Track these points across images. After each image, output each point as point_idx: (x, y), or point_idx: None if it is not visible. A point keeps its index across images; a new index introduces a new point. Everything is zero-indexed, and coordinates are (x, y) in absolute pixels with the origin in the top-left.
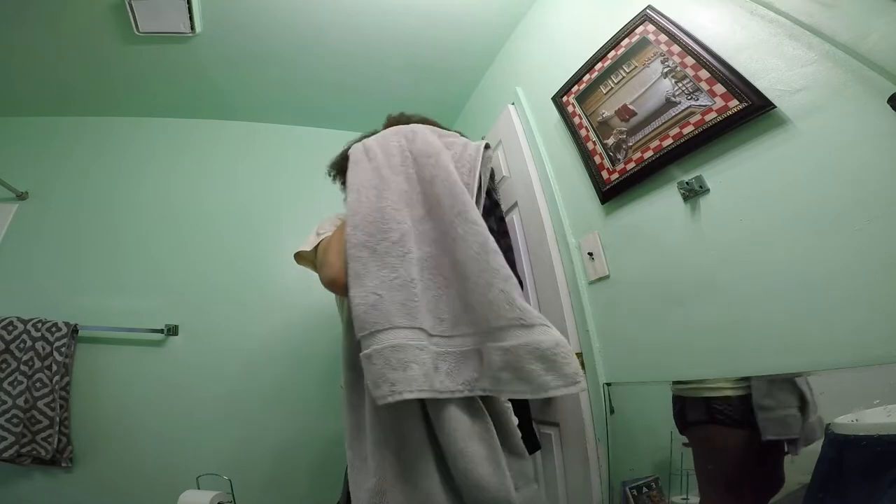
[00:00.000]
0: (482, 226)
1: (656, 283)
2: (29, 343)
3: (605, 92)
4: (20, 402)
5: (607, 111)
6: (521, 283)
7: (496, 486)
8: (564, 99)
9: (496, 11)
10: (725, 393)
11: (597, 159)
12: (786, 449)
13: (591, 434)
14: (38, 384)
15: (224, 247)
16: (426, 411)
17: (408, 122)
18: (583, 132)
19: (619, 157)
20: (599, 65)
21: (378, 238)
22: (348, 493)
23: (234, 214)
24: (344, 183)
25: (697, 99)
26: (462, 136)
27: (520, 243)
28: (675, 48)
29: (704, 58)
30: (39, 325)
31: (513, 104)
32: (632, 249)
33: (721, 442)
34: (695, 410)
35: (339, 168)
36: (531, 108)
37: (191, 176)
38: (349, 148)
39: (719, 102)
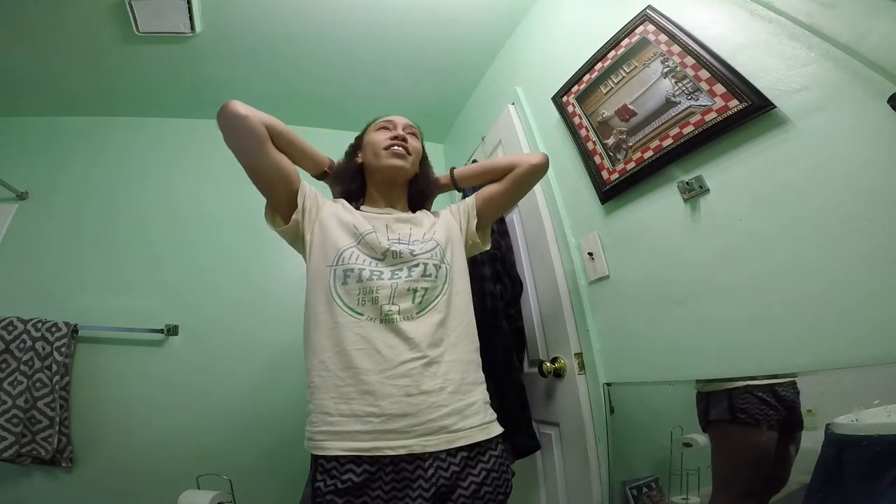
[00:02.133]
0: None
1: (656, 282)
2: (29, 343)
3: (605, 92)
4: (20, 402)
5: (607, 111)
6: (521, 283)
7: None
8: (564, 99)
9: (496, 11)
10: (749, 391)
11: (597, 159)
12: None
13: (591, 434)
14: (38, 384)
15: (224, 246)
16: None
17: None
18: (583, 132)
19: (619, 157)
20: (599, 65)
21: None
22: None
23: (234, 214)
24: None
25: (697, 99)
26: None
27: (520, 243)
28: (675, 48)
29: (704, 58)
30: (39, 325)
31: (513, 104)
32: (632, 249)
33: (741, 440)
34: (717, 408)
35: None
36: (531, 108)
37: (191, 176)
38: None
39: (719, 102)
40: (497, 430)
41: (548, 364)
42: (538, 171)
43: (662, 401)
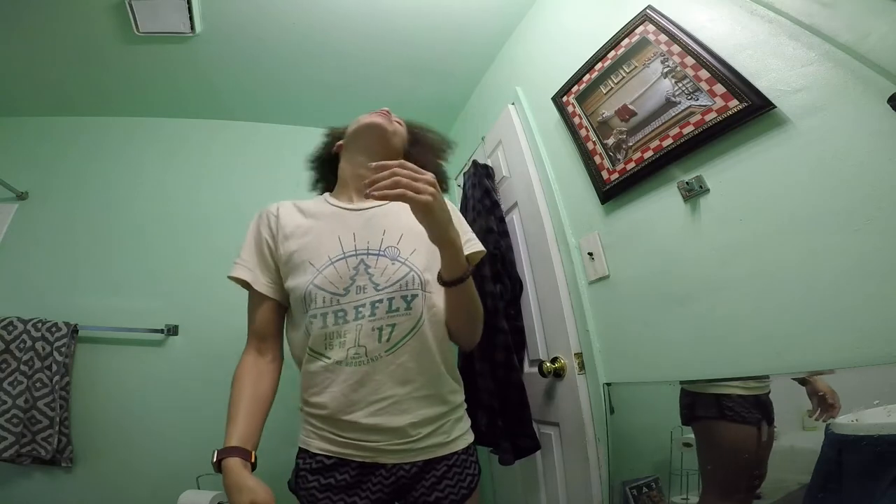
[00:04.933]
0: None
1: (656, 282)
2: (29, 343)
3: (605, 92)
4: (20, 402)
5: (607, 111)
6: (521, 283)
7: None
8: (564, 99)
9: (496, 11)
10: (736, 391)
11: (597, 159)
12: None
13: (591, 434)
14: (38, 384)
15: (224, 246)
16: None
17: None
18: (583, 132)
19: (619, 157)
20: (599, 65)
21: None
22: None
23: (233, 214)
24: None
25: (697, 99)
26: None
27: (520, 243)
28: (675, 48)
29: (704, 58)
30: (39, 325)
31: (513, 104)
32: (632, 249)
33: (729, 436)
34: (705, 406)
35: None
36: (531, 108)
37: (191, 175)
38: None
39: (719, 102)
40: (464, 443)
41: (548, 364)
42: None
43: (662, 401)
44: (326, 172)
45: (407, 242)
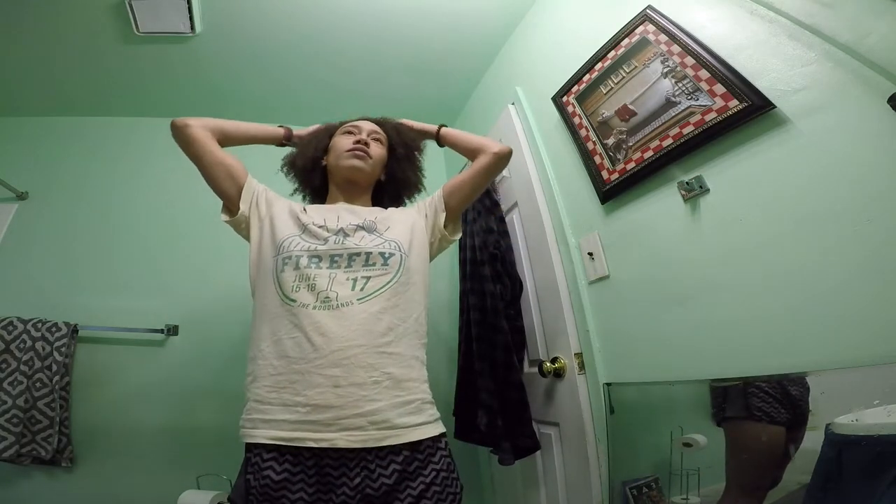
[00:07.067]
0: None
1: (656, 282)
2: (29, 343)
3: (605, 92)
4: (20, 402)
5: (607, 111)
6: (521, 283)
7: None
8: (564, 99)
9: (496, 11)
10: (765, 390)
11: (597, 159)
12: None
13: (591, 434)
14: (38, 384)
15: (224, 246)
16: None
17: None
18: (583, 132)
19: (619, 157)
20: (599, 65)
21: None
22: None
23: None
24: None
25: (697, 99)
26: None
27: (520, 243)
28: (675, 48)
29: (704, 58)
30: (39, 325)
31: (513, 104)
32: (632, 249)
33: (758, 436)
34: (734, 405)
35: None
36: (531, 108)
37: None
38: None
39: (719, 102)
40: (435, 430)
41: (548, 364)
42: (501, 161)
43: (662, 401)
44: (312, 180)
45: (385, 224)
